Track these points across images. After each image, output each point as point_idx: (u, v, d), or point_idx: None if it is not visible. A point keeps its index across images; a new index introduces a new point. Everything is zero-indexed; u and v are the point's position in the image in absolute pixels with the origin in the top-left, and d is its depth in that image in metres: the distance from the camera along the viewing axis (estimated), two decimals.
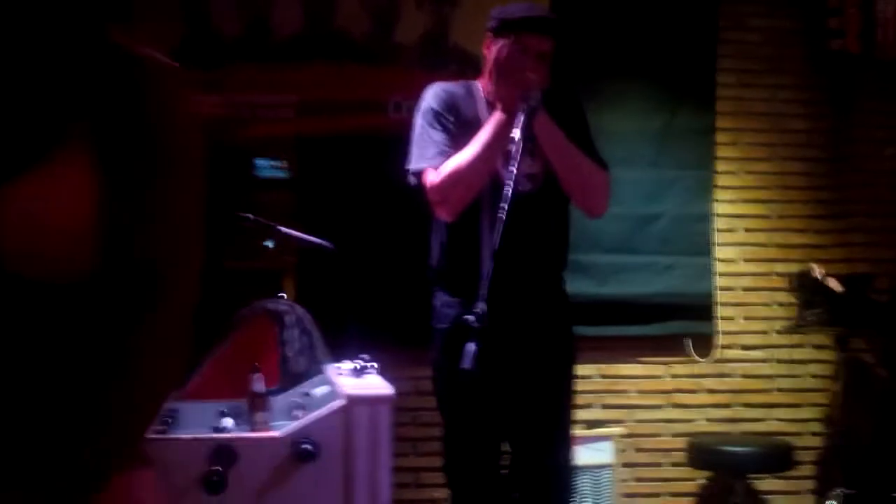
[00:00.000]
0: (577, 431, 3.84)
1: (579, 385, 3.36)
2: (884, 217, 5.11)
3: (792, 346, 5.08)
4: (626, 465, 4.87)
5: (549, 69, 3.10)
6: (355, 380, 3.08)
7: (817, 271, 4.93)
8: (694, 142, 4.99)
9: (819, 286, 4.89)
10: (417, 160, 3.13)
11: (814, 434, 5.05)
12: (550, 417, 3.19)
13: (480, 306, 2.59)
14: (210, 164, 1.50)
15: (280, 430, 2.78)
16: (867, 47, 5.02)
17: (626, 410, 4.95)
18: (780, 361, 5.08)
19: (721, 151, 5.05)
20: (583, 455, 4.49)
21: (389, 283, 4.53)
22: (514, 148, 2.81)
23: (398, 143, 3.30)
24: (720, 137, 5.05)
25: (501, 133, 2.95)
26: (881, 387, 4.87)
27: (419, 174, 3.10)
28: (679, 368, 5.01)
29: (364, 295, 4.41)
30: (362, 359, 3.24)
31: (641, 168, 4.86)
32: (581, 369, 3.42)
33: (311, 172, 4.68)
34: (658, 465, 4.97)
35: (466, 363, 2.49)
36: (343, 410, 2.75)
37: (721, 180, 5.05)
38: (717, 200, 5.03)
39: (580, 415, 3.88)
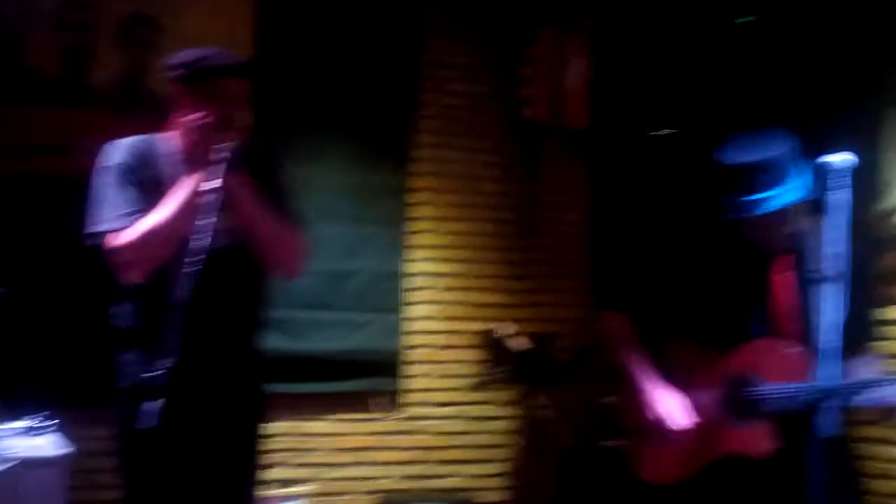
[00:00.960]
0: (268, 491, 3.76)
1: (271, 443, 3.29)
2: (569, 278, 5.36)
3: (479, 404, 5.20)
4: None
5: (247, 116, 3.04)
6: (26, 440, 2.89)
7: (503, 330, 5.11)
8: (390, 199, 5.06)
9: (505, 344, 5.07)
10: (101, 221, 2.95)
11: (498, 490, 5.18)
12: (234, 478, 3.10)
13: (165, 363, 2.50)
14: None
15: None
16: (556, 116, 5.29)
17: (317, 468, 4.90)
18: (468, 418, 5.19)
19: (417, 210, 5.15)
20: None
21: (72, 336, 4.28)
22: (206, 202, 2.74)
23: (85, 189, 3.13)
24: (416, 196, 5.15)
25: (194, 188, 2.85)
26: (561, 443, 5.07)
27: (103, 235, 2.94)
28: (370, 426, 5.02)
29: (43, 349, 4.16)
30: (37, 417, 3.05)
31: (337, 224, 4.86)
32: (272, 427, 3.35)
33: None
34: None
35: (146, 422, 2.40)
36: (8, 474, 2.57)
37: (416, 239, 5.14)
38: (412, 259, 5.11)
39: (271, 473, 3.80)
